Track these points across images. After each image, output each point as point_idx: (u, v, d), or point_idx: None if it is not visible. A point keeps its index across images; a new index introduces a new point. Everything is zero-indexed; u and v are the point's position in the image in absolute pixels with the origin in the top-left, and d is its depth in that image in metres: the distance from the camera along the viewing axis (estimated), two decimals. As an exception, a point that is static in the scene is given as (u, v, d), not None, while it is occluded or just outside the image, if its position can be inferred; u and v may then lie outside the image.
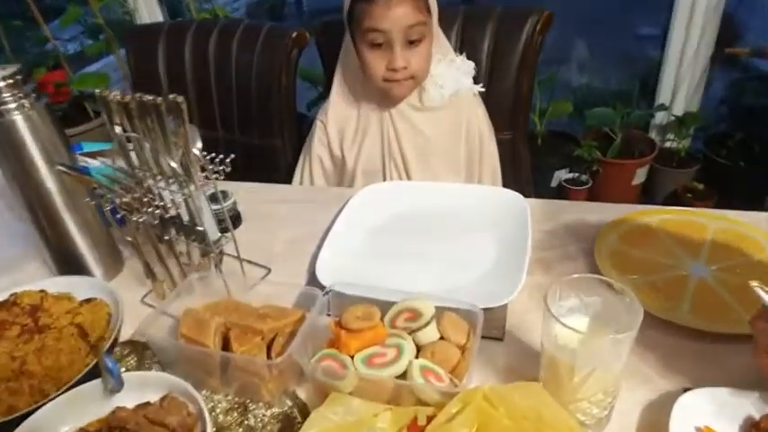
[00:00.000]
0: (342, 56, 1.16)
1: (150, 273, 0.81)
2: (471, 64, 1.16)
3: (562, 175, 1.85)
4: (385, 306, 0.67)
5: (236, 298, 0.76)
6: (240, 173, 0.73)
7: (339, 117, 1.18)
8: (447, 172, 1.17)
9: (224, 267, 0.82)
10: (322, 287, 0.76)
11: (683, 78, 1.75)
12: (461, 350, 0.62)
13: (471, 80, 1.16)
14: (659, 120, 1.84)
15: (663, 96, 1.80)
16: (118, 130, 0.72)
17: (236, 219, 0.98)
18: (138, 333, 0.75)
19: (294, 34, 1.27)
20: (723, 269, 0.78)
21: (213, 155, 0.75)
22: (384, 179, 1.18)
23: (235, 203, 0.97)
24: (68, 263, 0.84)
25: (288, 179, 1.29)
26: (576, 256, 0.84)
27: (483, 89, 1.17)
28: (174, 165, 0.68)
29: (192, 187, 0.70)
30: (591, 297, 0.57)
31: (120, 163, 0.76)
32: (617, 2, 4.33)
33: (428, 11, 1.03)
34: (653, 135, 1.88)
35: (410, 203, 0.97)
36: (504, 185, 1.25)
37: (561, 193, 1.89)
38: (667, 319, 0.69)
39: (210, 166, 0.73)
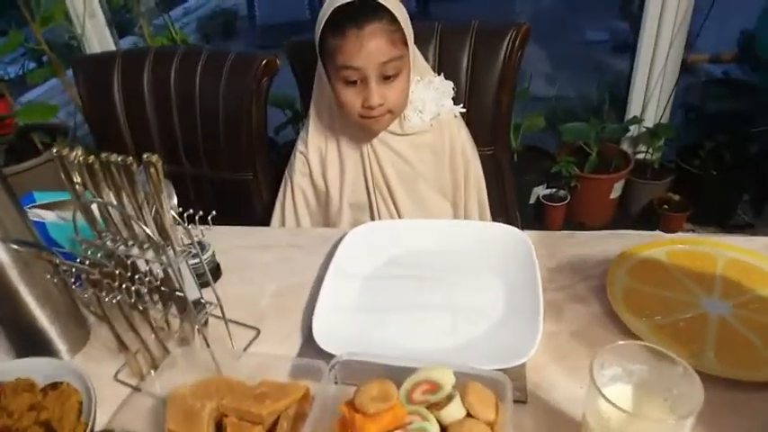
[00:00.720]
0: (316, 85, 1.09)
1: (122, 345, 0.72)
2: (450, 84, 1.11)
3: (540, 191, 1.82)
4: (396, 372, 0.60)
5: (226, 371, 0.68)
6: (210, 210, 0.65)
7: (319, 147, 1.12)
8: (434, 196, 1.13)
9: (208, 331, 0.73)
10: (320, 350, 0.69)
11: (653, 90, 1.75)
12: (490, 426, 0.56)
13: (451, 101, 1.11)
14: (631, 132, 1.84)
15: (634, 108, 1.80)
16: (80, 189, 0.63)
17: (215, 271, 0.89)
18: (118, 427, 0.65)
19: (263, 62, 1.19)
20: (740, 305, 0.74)
21: (190, 211, 0.67)
22: (371, 210, 1.12)
23: (213, 255, 0.88)
24: (27, 340, 0.73)
25: (263, 217, 1.21)
26: (586, 296, 0.80)
27: (464, 110, 1.13)
28: (148, 231, 0.60)
29: (172, 252, 0.62)
30: (635, 365, 0.51)
31: (81, 219, 0.67)
32: (562, 8, 4.42)
33: (404, 43, 0.97)
34: (625, 147, 1.88)
35: (404, 244, 0.90)
36: (489, 202, 1.21)
37: (540, 209, 1.87)
38: (695, 368, 0.65)
39: (189, 226, 0.65)
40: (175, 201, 0.67)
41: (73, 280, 0.64)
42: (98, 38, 1.96)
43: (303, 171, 1.13)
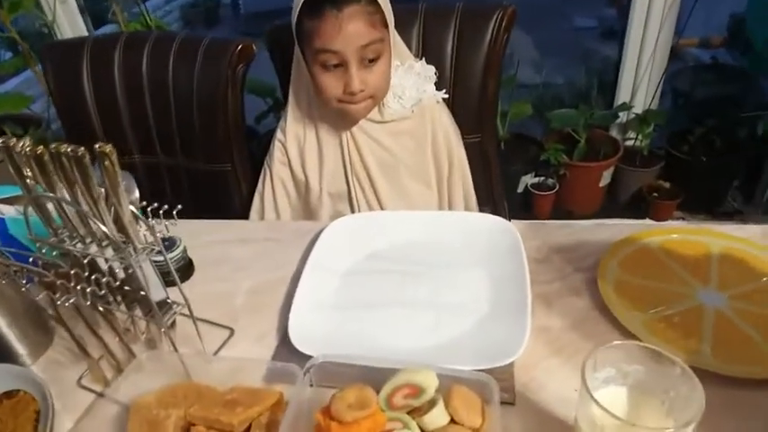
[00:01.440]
0: (294, 71, 1.04)
1: (82, 350, 0.67)
2: (432, 69, 1.06)
3: (528, 179, 1.79)
4: (376, 374, 0.56)
5: (196, 376, 0.64)
6: (187, 203, 0.60)
7: (298, 136, 1.07)
8: (416, 184, 1.08)
9: (177, 330, 0.69)
10: (296, 351, 0.66)
11: (642, 75, 1.72)
12: (476, 433, 0.52)
13: (433, 86, 1.06)
14: (620, 118, 1.80)
15: (623, 94, 1.76)
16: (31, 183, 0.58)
17: (188, 268, 0.85)
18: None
19: (238, 47, 1.13)
20: (738, 296, 0.71)
21: (154, 205, 0.62)
22: (350, 200, 1.08)
23: (184, 251, 0.83)
24: (-18, 346, 0.69)
25: (242, 210, 1.16)
26: (578, 288, 0.76)
27: (446, 95, 1.09)
28: (105, 229, 0.55)
29: (132, 251, 0.57)
30: (631, 366, 0.48)
31: (34, 215, 0.62)
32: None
33: (384, 25, 0.93)
34: (614, 134, 1.84)
35: (386, 237, 0.86)
36: (477, 195, 1.17)
37: (528, 198, 1.83)
38: (692, 365, 0.62)
39: (153, 221, 0.60)
40: (137, 194, 0.63)
41: (25, 281, 0.59)
42: (71, 25, 1.88)
43: (282, 160, 1.08)
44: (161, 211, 0.62)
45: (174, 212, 0.61)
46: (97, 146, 0.50)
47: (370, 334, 0.70)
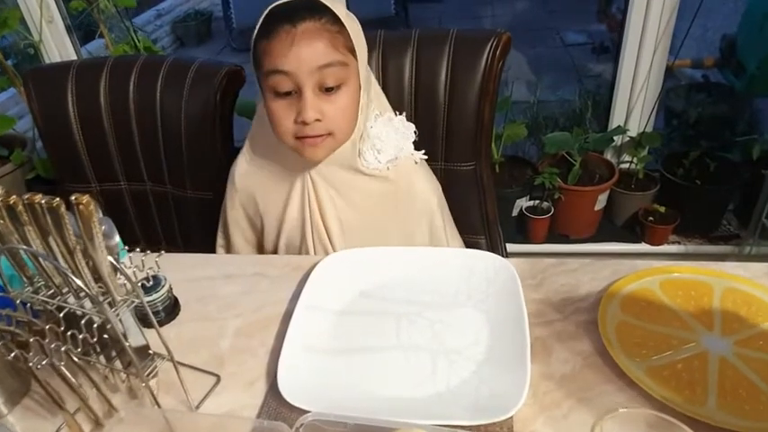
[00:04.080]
0: (258, 102, 0.92)
1: (58, 405, 0.63)
2: (412, 126, 0.96)
3: (523, 203, 1.77)
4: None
5: (180, 431, 0.60)
6: (174, 231, 0.58)
7: (251, 178, 0.97)
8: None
9: (160, 375, 0.65)
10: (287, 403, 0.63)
11: (637, 97, 1.71)
12: (475, 501, 0.49)
13: (411, 145, 0.95)
14: (615, 141, 1.79)
15: (617, 115, 1.75)
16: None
17: (174, 307, 0.81)
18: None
19: (225, 71, 1.11)
20: (742, 343, 0.69)
21: (137, 250, 0.59)
22: (307, 250, 0.97)
23: (170, 290, 0.80)
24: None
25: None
26: (577, 333, 0.73)
27: (425, 156, 0.98)
28: (79, 283, 0.52)
29: (108, 307, 0.54)
30: (637, 435, 0.45)
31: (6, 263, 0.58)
32: (542, 11, 4.40)
33: (350, 50, 0.82)
34: (608, 156, 1.83)
35: (381, 274, 0.83)
36: (471, 222, 1.14)
37: (522, 221, 1.81)
38: (697, 418, 0.59)
39: (133, 269, 0.57)
40: (117, 239, 0.59)
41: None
42: (57, 45, 1.85)
43: (233, 202, 0.99)
44: (142, 258, 0.59)
45: (156, 258, 0.59)
46: (73, 197, 0.47)
47: (365, 382, 0.67)
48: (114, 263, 0.53)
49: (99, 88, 1.19)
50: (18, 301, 0.55)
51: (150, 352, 0.61)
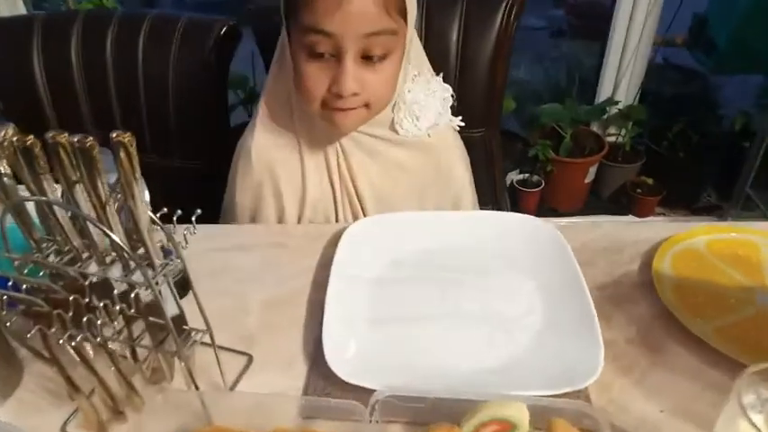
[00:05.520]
0: (275, 63, 0.82)
1: (73, 387, 0.54)
2: (449, 89, 0.87)
3: (513, 176, 1.74)
4: (445, 406, 0.48)
5: (218, 418, 0.53)
6: (160, 205, 0.50)
7: (270, 151, 0.85)
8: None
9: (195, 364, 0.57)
10: (331, 376, 0.55)
11: (624, 70, 1.70)
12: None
13: (449, 110, 0.88)
14: (606, 113, 1.79)
15: (605, 90, 1.75)
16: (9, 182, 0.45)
17: (183, 284, 0.72)
18: None
19: (223, 29, 1.01)
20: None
21: (164, 210, 0.51)
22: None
23: (183, 265, 0.70)
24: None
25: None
26: (631, 296, 0.69)
27: (462, 124, 0.92)
28: (117, 239, 0.43)
29: (150, 271, 0.45)
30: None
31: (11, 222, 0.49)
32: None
33: (402, 15, 0.71)
34: (595, 129, 1.83)
35: (413, 241, 0.76)
36: (480, 190, 1.09)
37: (513, 195, 1.79)
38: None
39: (172, 229, 0.49)
40: (147, 197, 0.51)
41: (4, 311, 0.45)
42: (8, 5, 1.67)
43: (246, 174, 0.87)
44: (174, 218, 0.51)
45: (185, 232, 0.50)
46: (114, 134, 0.38)
47: (419, 354, 0.61)
48: (154, 218, 0.44)
49: (70, 46, 1.06)
50: (39, 271, 0.46)
51: (185, 327, 0.52)
